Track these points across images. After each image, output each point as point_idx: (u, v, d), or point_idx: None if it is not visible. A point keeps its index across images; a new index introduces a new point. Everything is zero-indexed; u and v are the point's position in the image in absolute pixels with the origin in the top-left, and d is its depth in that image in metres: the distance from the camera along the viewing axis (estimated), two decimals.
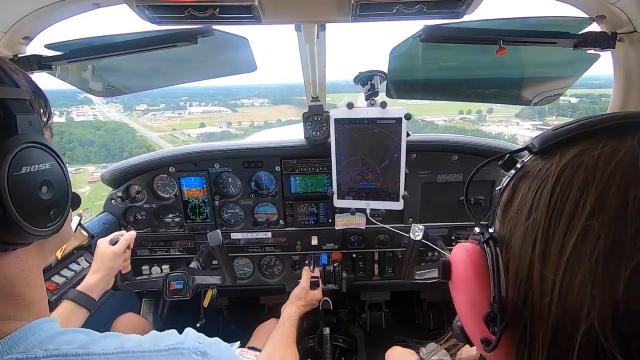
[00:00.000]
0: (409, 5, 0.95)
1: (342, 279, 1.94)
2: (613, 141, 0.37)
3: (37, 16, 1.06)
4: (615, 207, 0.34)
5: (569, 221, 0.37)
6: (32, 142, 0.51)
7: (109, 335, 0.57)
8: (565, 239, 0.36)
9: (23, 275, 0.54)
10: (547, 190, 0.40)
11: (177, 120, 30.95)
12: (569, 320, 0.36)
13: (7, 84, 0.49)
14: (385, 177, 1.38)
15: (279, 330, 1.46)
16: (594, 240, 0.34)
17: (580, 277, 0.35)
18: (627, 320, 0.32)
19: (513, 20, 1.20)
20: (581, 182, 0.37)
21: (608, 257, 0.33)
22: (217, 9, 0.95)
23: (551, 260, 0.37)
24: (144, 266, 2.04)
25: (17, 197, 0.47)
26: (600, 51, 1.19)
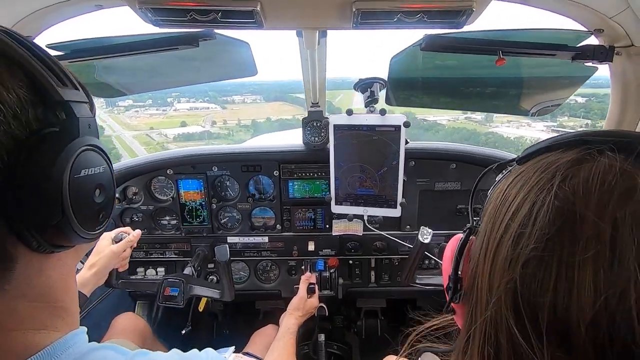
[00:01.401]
0: (410, 14, 0.96)
1: (339, 285, 1.93)
2: (561, 154, 0.44)
3: (40, 16, 1.07)
4: (527, 208, 0.42)
5: (502, 218, 0.45)
6: (91, 145, 0.51)
7: (139, 353, 0.57)
8: (497, 232, 0.45)
9: (62, 280, 0.53)
10: (502, 192, 0.48)
11: (159, 118, 28.61)
12: (488, 295, 0.44)
13: (69, 86, 0.49)
14: (384, 184, 1.38)
15: (279, 344, 1.45)
16: (510, 232, 0.42)
17: (500, 260, 0.43)
18: (521, 295, 0.40)
19: (512, 32, 1.22)
20: (518, 188, 0.45)
21: (514, 245, 0.41)
22: (219, 13, 0.96)
23: (490, 248, 0.46)
24: (139, 268, 2.03)
25: (75, 200, 0.47)
26: (598, 64, 1.21)
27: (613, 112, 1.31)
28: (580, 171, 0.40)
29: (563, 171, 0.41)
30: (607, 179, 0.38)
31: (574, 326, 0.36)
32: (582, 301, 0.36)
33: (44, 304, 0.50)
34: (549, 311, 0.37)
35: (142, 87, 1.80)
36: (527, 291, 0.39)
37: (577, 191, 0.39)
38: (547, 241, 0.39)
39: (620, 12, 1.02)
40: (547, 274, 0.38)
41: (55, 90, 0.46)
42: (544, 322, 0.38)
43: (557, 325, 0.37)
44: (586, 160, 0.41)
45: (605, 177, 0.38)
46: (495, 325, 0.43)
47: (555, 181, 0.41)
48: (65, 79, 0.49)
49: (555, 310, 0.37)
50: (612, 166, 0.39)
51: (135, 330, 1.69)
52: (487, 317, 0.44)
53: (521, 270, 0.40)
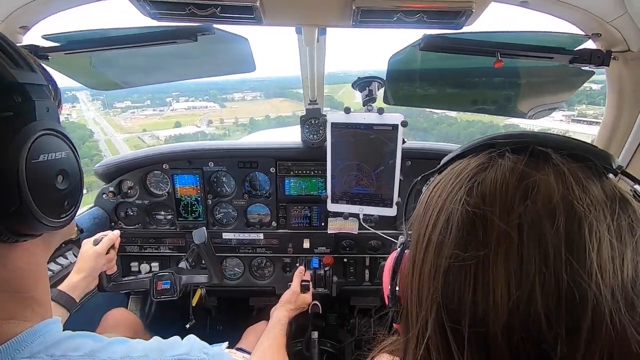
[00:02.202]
0: (409, 14, 0.96)
1: (333, 283, 1.93)
2: (471, 159, 0.45)
3: (36, 6, 1.05)
4: (444, 217, 0.42)
5: (424, 230, 0.45)
6: (50, 129, 0.49)
7: (115, 341, 0.56)
8: (422, 244, 0.45)
9: (31, 270, 0.51)
10: (423, 204, 0.49)
11: (155, 119, 27.36)
12: (417, 309, 0.44)
13: (25, 68, 0.47)
14: (380, 183, 1.38)
15: (269, 335, 1.45)
16: (433, 243, 0.43)
17: (426, 272, 0.43)
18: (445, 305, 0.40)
19: (511, 34, 1.22)
20: (436, 197, 0.46)
21: (437, 255, 0.42)
22: (218, 7, 0.95)
23: (417, 260, 0.46)
24: (132, 263, 2.02)
25: (34, 186, 0.45)
26: (595, 68, 1.21)
27: (608, 117, 1.32)
28: (486, 176, 0.42)
29: (471, 177, 0.43)
30: (507, 181, 0.40)
31: (491, 330, 0.37)
32: (497, 304, 0.36)
33: (12, 294, 0.49)
34: (469, 317, 0.38)
35: (138, 80, 1.78)
36: (449, 300, 0.40)
37: (485, 196, 0.40)
38: (463, 247, 0.39)
39: (618, 17, 1.02)
40: (466, 280, 0.39)
41: (9, 73, 0.44)
42: (465, 329, 0.38)
43: (477, 331, 0.38)
44: (490, 164, 0.42)
45: (505, 180, 0.40)
46: (424, 339, 0.43)
47: (463, 190, 0.42)
48: (21, 61, 0.47)
49: (475, 316, 0.38)
50: (511, 168, 0.41)
51: (127, 325, 1.69)
52: (417, 331, 0.44)
53: (443, 279, 0.41)
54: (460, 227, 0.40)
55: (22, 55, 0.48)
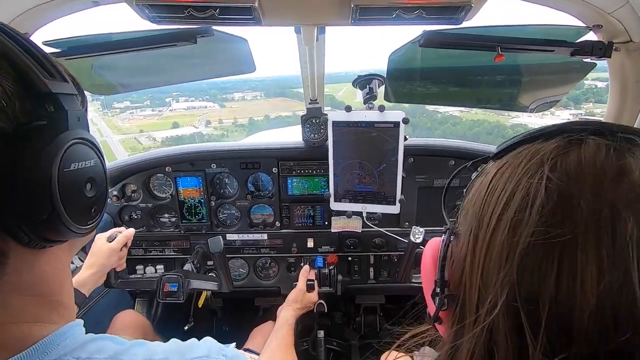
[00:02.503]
0: (408, 10, 0.96)
1: (338, 282, 1.93)
2: (542, 144, 0.43)
3: (36, 13, 1.06)
4: (521, 196, 0.40)
5: (492, 211, 0.43)
6: (81, 138, 0.50)
7: (136, 343, 0.57)
8: (488, 225, 0.43)
9: (57, 274, 0.53)
10: (484, 186, 0.47)
11: (154, 119, 26.41)
12: (484, 292, 0.42)
13: (57, 78, 0.48)
14: (382, 181, 1.38)
15: (277, 335, 1.45)
16: (504, 223, 0.41)
17: (495, 255, 0.41)
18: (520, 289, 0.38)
19: (511, 28, 1.22)
20: (506, 178, 0.44)
21: (511, 235, 0.40)
22: (217, 9, 0.95)
23: (479, 245, 0.44)
24: (138, 266, 2.03)
25: (65, 194, 0.46)
26: (597, 60, 1.21)
27: (611, 108, 1.31)
28: (568, 156, 0.40)
29: (551, 157, 0.41)
30: (597, 159, 0.38)
31: (577, 314, 0.35)
32: (586, 286, 0.34)
33: (39, 297, 0.50)
34: (550, 300, 0.36)
35: (139, 84, 1.79)
36: (527, 282, 0.38)
37: (571, 174, 0.38)
38: (547, 226, 0.37)
39: (619, 8, 1.02)
40: (549, 260, 0.36)
41: (43, 83, 0.45)
42: (544, 312, 0.36)
43: (559, 315, 0.36)
44: (572, 146, 0.41)
45: (596, 159, 0.38)
46: (491, 324, 0.41)
47: (545, 167, 0.40)
48: (53, 70, 0.48)
49: (557, 299, 0.36)
50: (599, 148, 0.39)
51: (136, 326, 1.70)
52: (479, 317, 0.42)
53: (520, 259, 0.38)
54: (544, 204, 0.38)
55: (55, 65, 0.49)
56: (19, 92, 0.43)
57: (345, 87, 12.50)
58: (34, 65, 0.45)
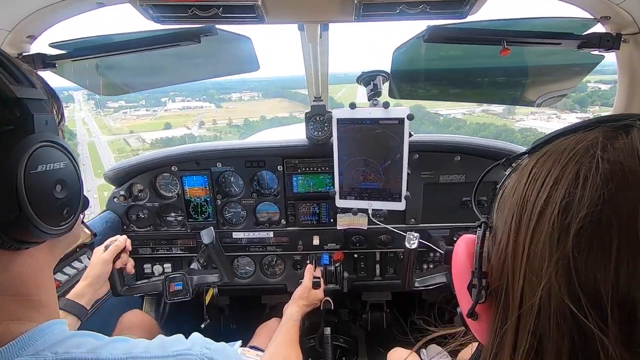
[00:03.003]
0: (412, 5, 0.95)
1: (344, 279, 1.93)
2: (579, 135, 0.43)
3: (42, 15, 1.07)
4: (570, 177, 0.39)
5: (536, 195, 0.42)
6: (48, 141, 0.51)
7: (117, 339, 0.57)
8: (533, 209, 0.42)
9: (34, 275, 0.54)
10: (525, 175, 0.46)
11: (147, 119, 25.65)
12: (533, 278, 0.40)
13: (25, 84, 0.50)
14: (388, 178, 1.38)
15: (282, 330, 1.46)
16: (552, 204, 0.39)
17: (542, 238, 0.40)
18: (576, 269, 0.37)
19: (517, 21, 1.20)
20: (550, 164, 0.43)
21: (562, 216, 0.38)
22: (220, 8, 0.95)
23: (522, 229, 0.43)
24: (145, 265, 2.05)
25: (33, 195, 0.48)
26: (605, 52, 1.19)
27: (620, 100, 1.29)
28: (618, 140, 0.39)
29: (600, 141, 0.39)
30: None
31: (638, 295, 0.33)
32: None
33: (16, 297, 0.51)
34: (612, 280, 0.34)
35: (144, 84, 1.80)
36: (584, 263, 0.36)
37: (626, 154, 0.37)
38: (602, 202, 0.36)
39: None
40: (606, 238, 0.35)
41: (8, 88, 0.47)
42: (607, 294, 0.34)
43: (622, 296, 0.34)
44: (619, 132, 0.40)
45: None
46: (544, 311, 0.39)
47: (597, 149, 0.39)
48: (21, 76, 0.50)
49: (619, 279, 0.34)
50: None
51: (142, 326, 1.72)
52: (534, 304, 0.40)
53: (575, 240, 0.36)
54: (597, 185, 0.36)
55: (23, 71, 0.51)
56: None
57: (344, 88, 12.36)
58: (0, 73, 0.47)
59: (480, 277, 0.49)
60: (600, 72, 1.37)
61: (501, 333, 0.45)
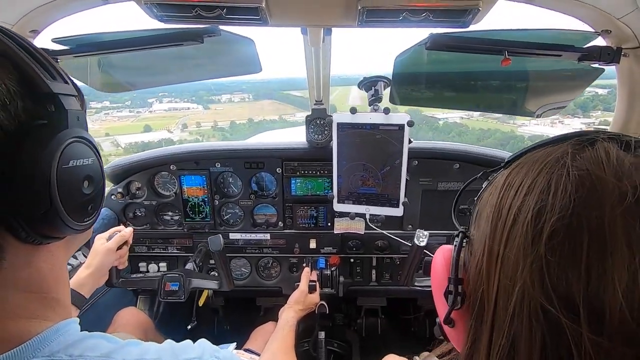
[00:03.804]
0: (415, 13, 0.96)
1: (340, 283, 1.93)
2: (550, 148, 0.45)
3: (46, 10, 1.07)
4: (542, 185, 0.41)
5: (510, 202, 0.44)
6: (80, 137, 0.52)
7: (130, 343, 0.57)
8: (507, 215, 0.44)
9: (53, 272, 0.53)
10: (499, 185, 0.48)
11: (128, 121, 24.17)
12: (508, 282, 0.42)
13: (59, 79, 0.50)
14: (386, 183, 1.38)
15: (278, 336, 1.45)
16: (526, 210, 0.41)
17: (517, 243, 0.41)
18: (549, 272, 0.38)
19: (519, 32, 1.21)
20: (522, 175, 0.45)
21: (535, 221, 0.40)
22: (224, 9, 0.96)
23: (498, 235, 0.44)
24: (140, 263, 2.04)
25: (63, 190, 0.48)
26: (605, 65, 1.19)
27: (619, 114, 1.30)
28: (584, 152, 0.41)
29: (569, 153, 0.42)
30: (615, 155, 0.40)
31: (609, 295, 0.35)
32: (618, 264, 0.35)
33: (35, 294, 0.51)
34: (583, 282, 0.36)
35: (146, 83, 1.80)
36: (557, 265, 0.37)
37: (591, 163, 0.40)
38: (573, 207, 0.38)
39: (629, 13, 1.01)
40: (577, 240, 0.37)
41: (45, 83, 0.47)
42: (579, 295, 0.36)
43: (592, 296, 0.36)
44: (585, 147, 0.42)
45: (613, 154, 0.40)
46: (518, 313, 0.40)
47: (566, 159, 0.41)
48: (54, 72, 0.50)
49: (590, 280, 0.36)
50: (612, 147, 0.41)
51: (137, 324, 1.71)
52: (508, 306, 0.41)
53: (547, 243, 0.38)
54: (568, 189, 0.39)
55: (56, 67, 0.52)
56: (22, 91, 0.45)
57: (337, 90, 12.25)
58: (36, 67, 0.47)
59: (456, 283, 0.50)
60: None
61: (476, 336, 0.47)
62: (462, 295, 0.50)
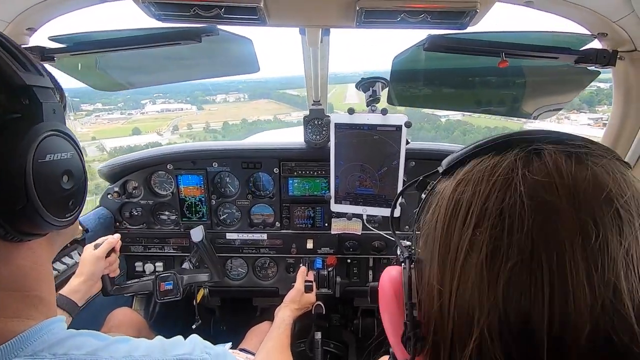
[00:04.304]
0: (413, 14, 0.96)
1: (336, 283, 1.93)
2: (497, 157, 0.41)
3: (43, 8, 1.06)
4: (493, 215, 0.37)
5: (459, 234, 0.39)
6: (56, 130, 0.50)
7: (118, 340, 0.56)
8: (457, 251, 0.39)
9: (35, 270, 0.52)
10: (444, 207, 0.43)
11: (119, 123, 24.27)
12: (464, 328, 0.38)
13: (33, 72, 0.49)
14: (383, 184, 1.38)
15: (274, 335, 1.45)
16: (478, 248, 0.37)
17: (470, 285, 0.37)
18: (507, 321, 0.35)
19: (516, 34, 1.21)
20: (469, 196, 0.40)
21: (490, 263, 0.36)
22: (222, 9, 0.96)
23: (448, 274, 0.40)
24: (137, 263, 2.03)
25: (41, 186, 0.46)
26: (601, 68, 1.20)
27: (615, 117, 1.31)
28: (533, 167, 0.38)
29: (517, 170, 0.38)
30: (567, 171, 0.37)
31: (572, 335, 0.33)
32: (579, 305, 0.33)
33: (16, 292, 0.50)
34: (544, 323, 0.34)
35: (143, 82, 1.80)
36: (515, 312, 0.35)
37: (545, 187, 0.36)
38: (532, 246, 0.35)
39: (625, 17, 1.01)
40: (537, 284, 0.34)
41: (17, 75, 0.46)
42: (542, 340, 0.34)
43: (555, 339, 0.34)
44: (533, 160, 0.39)
45: (565, 171, 0.37)
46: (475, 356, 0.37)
47: (516, 178, 0.37)
48: (28, 64, 0.49)
49: (552, 324, 0.34)
50: (559, 160, 0.38)
51: (131, 324, 1.70)
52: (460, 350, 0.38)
53: (505, 289, 0.35)
54: (523, 225, 0.35)
55: (30, 59, 0.50)
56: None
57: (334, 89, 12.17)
58: (8, 59, 0.46)
59: (413, 327, 0.44)
60: None
61: None
62: (421, 340, 0.44)
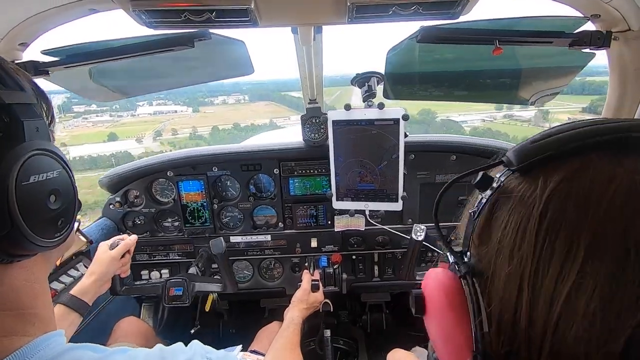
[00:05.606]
0: (404, 6, 0.96)
1: (342, 280, 1.93)
2: (608, 163, 0.33)
3: (34, 22, 1.06)
4: (612, 252, 0.31)
5: (561, 265, 0.32)
6: (40, 149, 0.48)
7: (116, 351, 0.55)
8: (556, 286, 0.33)
9: (29, 287, 0.51)
10: (533, 224, 0.35)
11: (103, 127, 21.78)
12: None
13: (12, 87, 0.47)
14: (384, 178, 1.38)
15: (283, 334, 1.45)
16: (589, 291, 0.31)
17: (575, 330, 0.31)
18: None
19: (509, 20, 1.21)
20: (573, 218, 0.33)
21: (608, 312, 0.30)
22: (213, 12, 0.95)
23: (540, 309, 0.33)
24: (143, 271, 2.03)
25: (26, 208, 0.45)
26: (596, 50, 1.20)
27: (612, 98, 1.30)
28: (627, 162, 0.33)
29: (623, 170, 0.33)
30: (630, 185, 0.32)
31: None
32: None
33: (11, 311, 0.49)
34: None
35: (139, 89, 1.79)
36: None
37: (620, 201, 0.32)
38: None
39: None
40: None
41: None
42: None
43: None
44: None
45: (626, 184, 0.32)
46: None
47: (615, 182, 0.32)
48: (8, 79, 0.47)
49: None
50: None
51: (138, 333, 1.70)
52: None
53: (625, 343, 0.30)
54: None
55: (10, 74, 0.48)
56: None
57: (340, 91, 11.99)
58: None
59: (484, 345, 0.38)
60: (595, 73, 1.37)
61: None
62: None
